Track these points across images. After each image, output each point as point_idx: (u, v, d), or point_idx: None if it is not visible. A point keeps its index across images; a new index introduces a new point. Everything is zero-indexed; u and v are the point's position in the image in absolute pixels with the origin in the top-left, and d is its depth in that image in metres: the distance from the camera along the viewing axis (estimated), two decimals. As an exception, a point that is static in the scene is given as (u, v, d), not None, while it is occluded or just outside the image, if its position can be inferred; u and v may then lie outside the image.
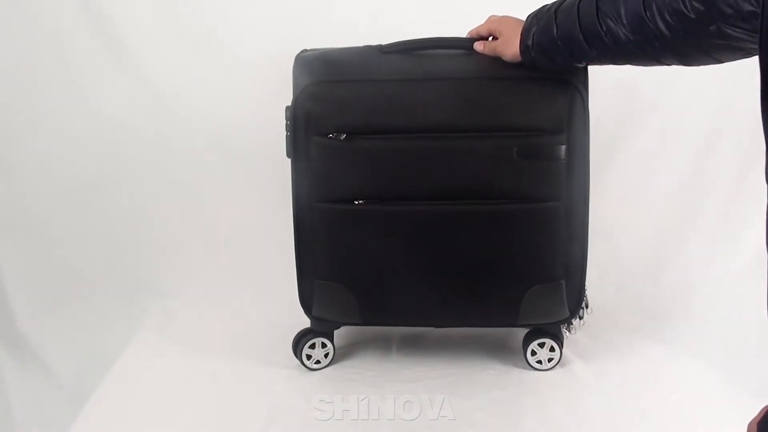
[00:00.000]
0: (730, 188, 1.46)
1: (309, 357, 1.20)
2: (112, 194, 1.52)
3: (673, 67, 0.93)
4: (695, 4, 0.79)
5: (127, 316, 1.41)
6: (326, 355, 1.21)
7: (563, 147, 1.05)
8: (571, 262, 1.11)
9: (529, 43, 0.99)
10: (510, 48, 1.02)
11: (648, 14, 0.84)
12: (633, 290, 1.47)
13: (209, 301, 1.47)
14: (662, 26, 0.84)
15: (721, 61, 0.86)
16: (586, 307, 1.18)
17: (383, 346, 1.27)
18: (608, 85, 1.13)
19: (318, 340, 1.20)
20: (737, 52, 0.81)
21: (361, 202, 1.09)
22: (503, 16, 1.06)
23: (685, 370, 1.18)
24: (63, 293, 1.47)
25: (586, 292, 1.17)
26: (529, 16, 1.01)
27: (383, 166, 1.08)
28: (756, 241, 1.39)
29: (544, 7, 1.00)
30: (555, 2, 0.98)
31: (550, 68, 1.02)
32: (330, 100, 1.08)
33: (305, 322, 1.21)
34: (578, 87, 1.05)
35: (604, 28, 0.90)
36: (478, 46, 1.07)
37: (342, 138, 1.07)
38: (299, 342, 1.20)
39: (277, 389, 1.15)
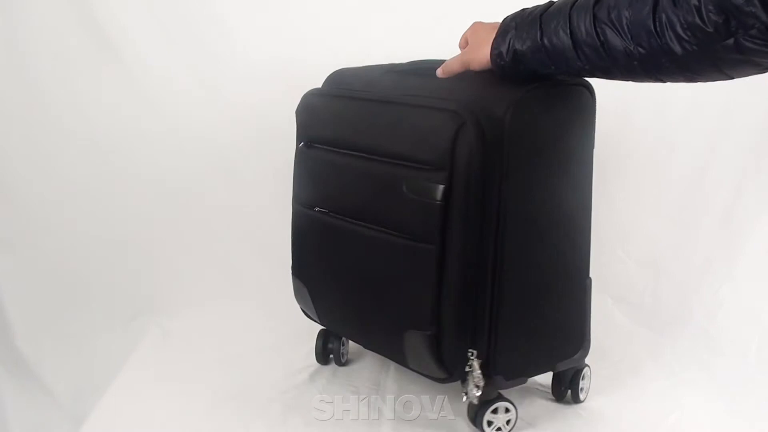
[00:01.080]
0: (729, 199, 1.46)
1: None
2: (110, 211, 1.53)
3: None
4: (713, 16, 0.71)
5: (126, 333, 1.41)
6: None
7: (441, 187, 0.92)
8: (444, 315, 0.97)
9: (503, 49, 0.90)
10: (478, 54, 0.93)
11: (657, 27, 0.75)
12: (631, 301, 1.46)
13: (208, 318, 1.46)
14: (673, 41, 0.74)
15: (732, 77, 0.77)
16: (481, 374, 0.98)
17: (381, 363, 1.26)
18: (605, 92, 1.11)
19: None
20: (755, 67, 0.74)
21: (317, 209, 1.10)
22: (476, 23, 0.98)
23: (684, 387, 1.18)
24: (61, 311, 1.47)
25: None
26: (505, 19, 0.92)
27: (322, 177, 1.10)
28: (754, 253, 1.41)
29: (525, 10, 0.90)
30: (539, 6, 0.89)
31: (522, 78, 0.93)
32: (308, 110, 1.13)
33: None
34: (469, 121, 0.91)
35: (601, 38, 0.80)
36: (438, 72, 1.01)
37: (301, 145, 1.12)
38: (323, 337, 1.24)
39: (276, 404, 1.14)
